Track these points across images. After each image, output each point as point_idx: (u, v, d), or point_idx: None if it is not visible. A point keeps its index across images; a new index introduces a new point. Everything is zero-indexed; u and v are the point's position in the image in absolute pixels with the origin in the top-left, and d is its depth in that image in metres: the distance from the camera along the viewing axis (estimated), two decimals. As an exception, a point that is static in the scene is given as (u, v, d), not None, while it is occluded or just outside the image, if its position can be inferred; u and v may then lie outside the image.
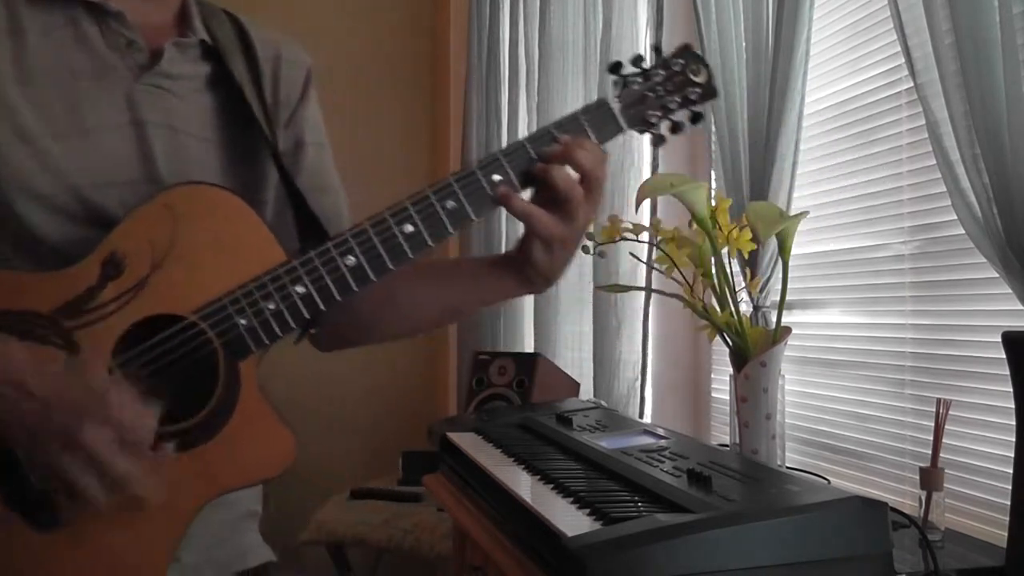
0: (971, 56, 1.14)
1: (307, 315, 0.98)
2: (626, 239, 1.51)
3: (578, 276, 2.34)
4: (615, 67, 1.10)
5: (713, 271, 1.46)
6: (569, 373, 2.25)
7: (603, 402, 1.97)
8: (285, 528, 3.05)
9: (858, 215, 1.66)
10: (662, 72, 1.09)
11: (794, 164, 1.64)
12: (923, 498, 1.24)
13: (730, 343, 1.47)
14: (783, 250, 1.45)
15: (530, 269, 1.05)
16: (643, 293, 2.04)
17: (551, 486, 1.15)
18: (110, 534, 0.93)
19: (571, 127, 1.04)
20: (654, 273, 1.84)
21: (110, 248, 0.95)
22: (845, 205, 1.70)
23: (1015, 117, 1.09)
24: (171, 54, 1.07)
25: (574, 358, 2.36)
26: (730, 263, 1.51)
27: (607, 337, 2.12)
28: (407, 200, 1.00)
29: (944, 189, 1.24)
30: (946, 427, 1.27)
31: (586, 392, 2.21)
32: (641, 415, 2.08)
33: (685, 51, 1.11)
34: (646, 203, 1.88)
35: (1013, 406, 1.02)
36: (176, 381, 0.93)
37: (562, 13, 2.41)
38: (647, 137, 1.81)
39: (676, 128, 1.11)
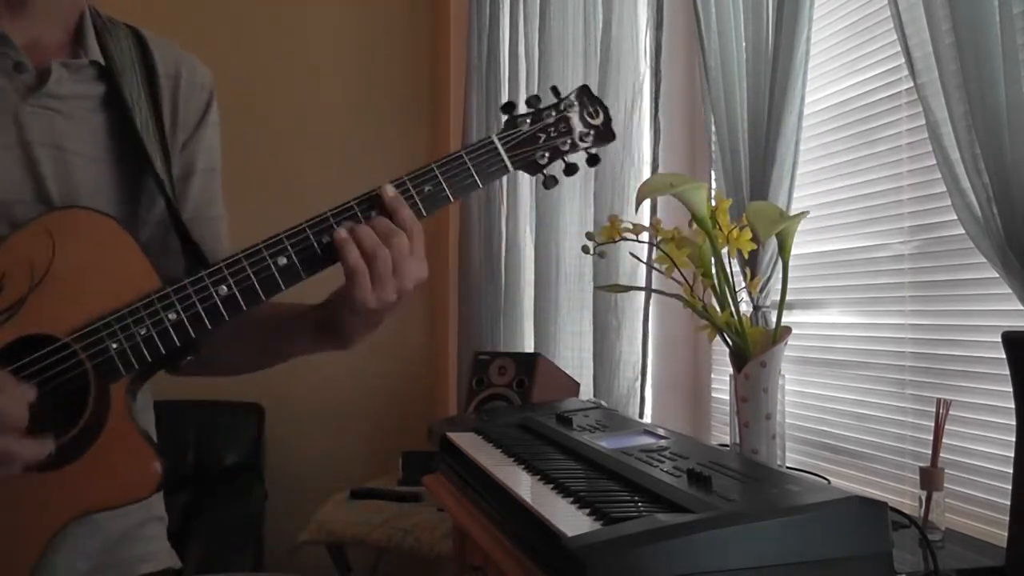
0: (971, 56, 1.13)
1: (177, 342, 0.99)
2: (626, 239, 1.51)
3: (578, 276, 2.34)
4: (508, 107, 1.11)
5: (713, 271, 1.46)
6: (569, 373, 2.25)
7: (603, 402, 1.97)
8: (285, 528, 3.05)
9: (858, 215, 1.66)
10: (554, 113, 1.10)
11: (794, 164, 1.64)
12: (923, 498, 1.24)
13: (730, 343, 1.47)
14: (783, 250, 1.45)
15: (332, 323, 1.06)
16: (643, 293, 2.04)
17: (551, 486, 1.15)
18: None
19: (454, 169, 1.05)
20: (654, 273, 1.84)
21: None
22: (845, 205, 1.70)
23: (1015, 117, 1.09)
24: (58, 75, 1.08)
25: (574, 358, 2.35)
26: (730, 263, 1.51)
27: (607, 337, 2.12)
28: (283, 233, 1.02)
29: (944, 189, 1.24)
30: (946, 427, 1.27)
31: (586, 392, 2.21)
32: (641, 415, 2.08)
33: (583, 93, 1.13)
34: (646, 203, 1.88)
35: (1013, 406, 1.02)
36: (47, 401, 0.94)
37: (562, 13, 2.40)
38: (647, 137, 1.83)
39: (570, 170, 1.12)
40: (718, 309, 1.46)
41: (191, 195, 1.18)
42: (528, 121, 1.10)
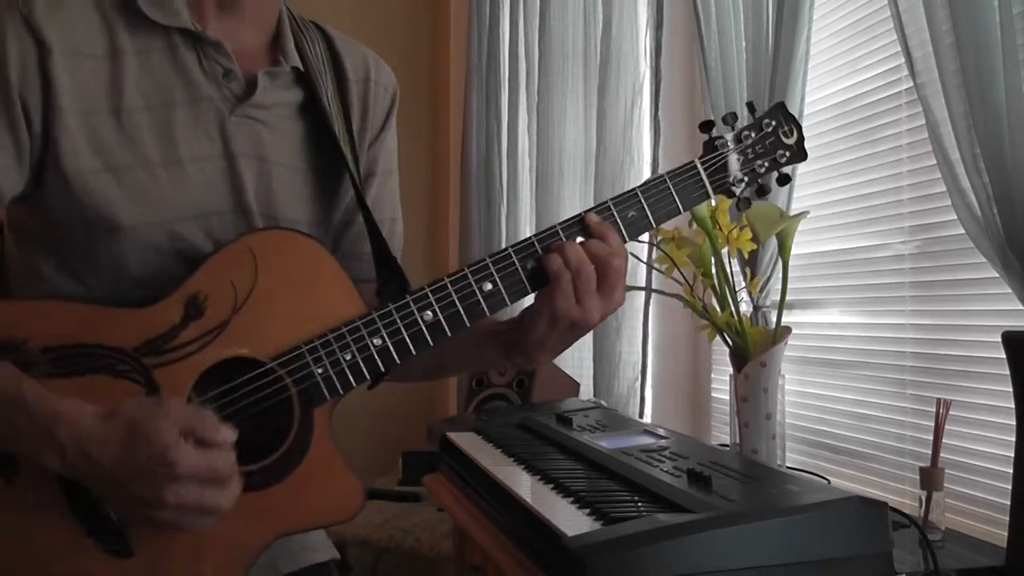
0: (971, 56, 1.14)
1: (383, 368, 0.99)
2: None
3: (578, 276, 2.33)
4: (706, 126, 1.08)
5: (713, 271, 1.46)
6: (569, 373, 2.25)
7: (603, 402, 1.97)
8: (285, 528, 3.06)
9: (858, 215, 1.66)
10: (754, 133, 1.07)
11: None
12: (923, 498, 1.24)
13: (730, 343, 1.47)
14: (783, 250, 1.45)
15: (521, 338, 1.03)
16: (643, 293, 2.04)
17: (551, 486, 1.15)
18: (180, 567, 0.95)
19: (657, 192, 1.03)
20: (654, 273, 1.84)
21: (193, 288, 0.95)
22: (845, 205, 1.70)
23: (1015, 117, 1.09)
24: (264, 84, 1.06)
25: (574, 358, 2.35)
26: (730, 263, 1.51)
27: (607, 337, 2.12)
28: (489, 257, 1.00)
29: (944, 189, 1.24)
30: (946, 427, 1.27)
31: (586, 392, 2.21)
32: (641, 415, 2.08)
33: (779, 110, 1.09)
34: (646, 203, 1.88)
35: (1013, 406, 1.02)
36: (249, 425, 0.94)
37: (562, 13, 2.41)
38: (647, 137, 1.82)
39: (762, 191, 1.09)
40: (718, 309, 1.47)
41: (370, 195, 1.17)
42: (729, 144, 1.07)
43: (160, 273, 0.99)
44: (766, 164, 1.07)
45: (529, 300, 1.04)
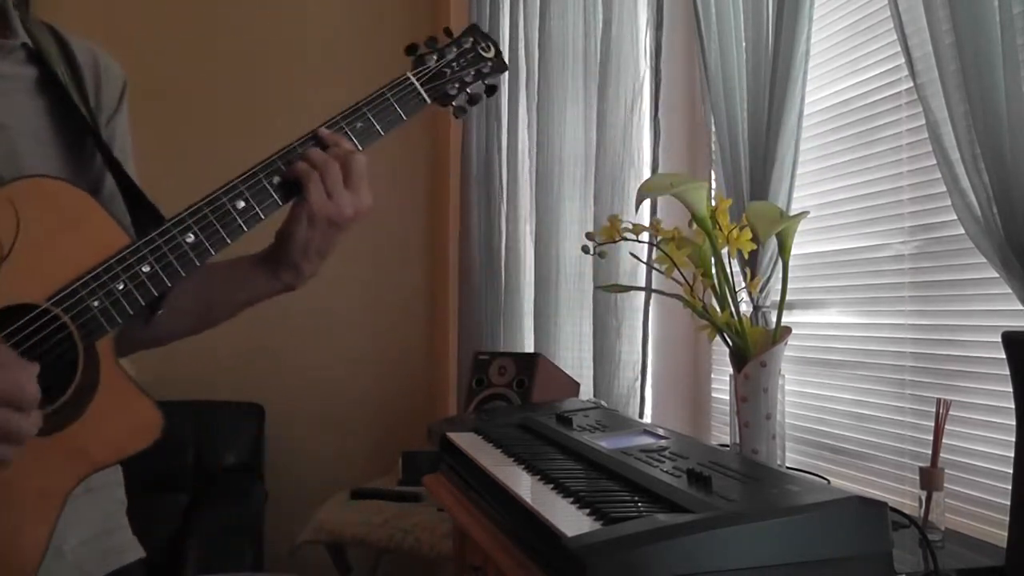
0: (971, 56, 1.13)
1: (155, 292, 1.02)
2: (626, 239, 1.51)
3: (578, 276, 2.34)
4: (411, 48, 1.22)
5: (713, 271, 1.46)
6: (569, 373, 2.25)
7: (603, 402, 1.97)
8: (285, 528, 3.05)
9: (858, 215, 1.66)
10: (455, 50, 1.23)
11: (794, 164, 1.64)
12: (923, 498, 1.24)
13: (730, 343, 1.47)
14: (783, 250, 1.45)
15: (284, 252, 1.11)
16: (643, 293, 2.04)
17: (551, 486, 1.15)
18: None
19: (379, 106, 1.15)
20: (654, 273, 1.84)
21: None
22: (845, 205, 1.70)
23: (1015, 117, 1.09)
24: None
25: (574, 358, 2.36)
26: (730, 263, 1.51)
27: (607, 337, 2.12)
28: (236, 178, 1.08)
29: (944, 189, 1.24)
30: (946, 427, 1.27)
31: (586, 392, 2.21)
32: (641, 415, 2.08)
33: (473, 30, 1.26)
34: (646, 203, 1.88)
35: (1013, 406, 1.02)
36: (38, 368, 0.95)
37: (562, 13, 2.40)
38: (647, 137, 1.85)
39: (473, 100, 1.24)
40: (718, 309, 1.46)
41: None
42: (435, 58, 1.21)
43: None
44: (471, 72, 1.23)
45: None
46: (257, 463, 3.45)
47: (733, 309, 1.46)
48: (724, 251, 1.46)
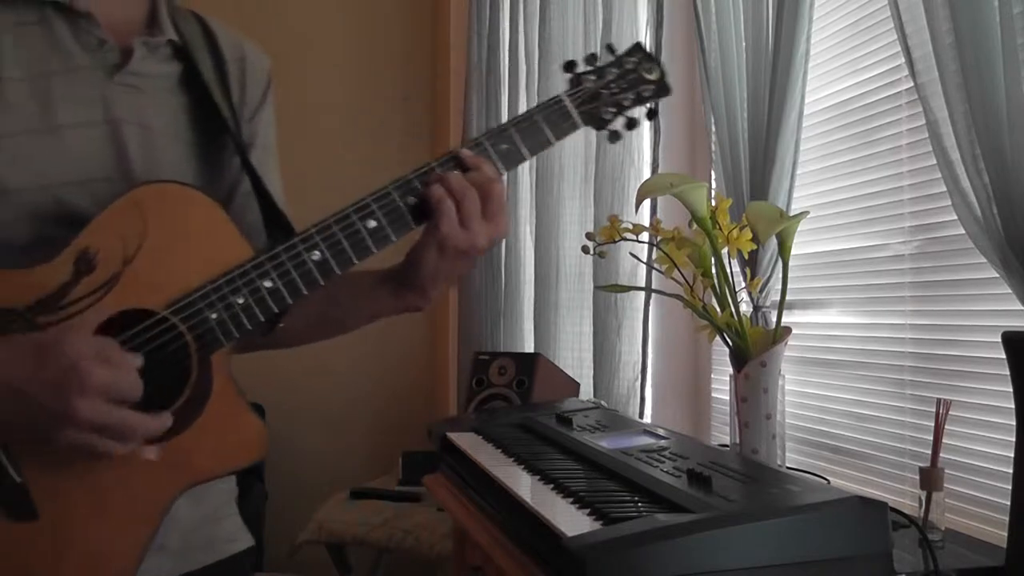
0: (971, 56, 1.14)
1: (275, 309, 1.00)
2: (626, 239, 1.51)
3: (578, 276, 2.34)
4: (569, 65, 1.14)
5: (713, 271, 1.46)
6: (569, 373, 2.25)
7: (603, 402, 1.97)
8: (285, 528, 3.05)
9: (858, 215, 1.66)
10: (615, 70, 1.13)
11: (794, 164, 1.64)
12: (923, 498, 1.24)
13: (730, 343, 1.47)
14: (783, 250, 1.45)
15: (412, 275, 1.06)
16: (643, 293, 2.04)
17: (551, 486, 1.15)
18: (86, 525, 0.95)
19: (528, 127, 1.08)
20: (654, 273, 1.84)
21: (82, 245, 0.96)
22: (845, 205, 1.70)
23: (1015, 117, 1.09)
24: (141, 53, 1.08)
25: (574, 358, 2.36)
26: (730, 263, 1.51)
27: (607, 337, 2.12)
28: (369, 196, 1.03)
29: (944, 189, 1.24)
30: (946, 427, 1.27)
31: (586, 392, 2.21)
32: (641, 415, 2.08)
33: (637, 49, 1.15)
34: (646, 203, 1.88)
35: (1013, 406, 1.02)
36: (148, 377, 0.94)
37: (562, 13, 2.40)
38: (647, 137, 1.84)
39: (631, 124, 1.15)
40: (718, 309, 1.47)
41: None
42: (593, 78, 1.12)
43: (51, 241, 0.99)
44: (631, 97, 1.14)
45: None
46: (257, 463, 3.44)
47: (733, 309, 1.46)
48: (724, 251, 1.46)
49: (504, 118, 2.81)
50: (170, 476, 0.98)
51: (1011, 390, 1.03)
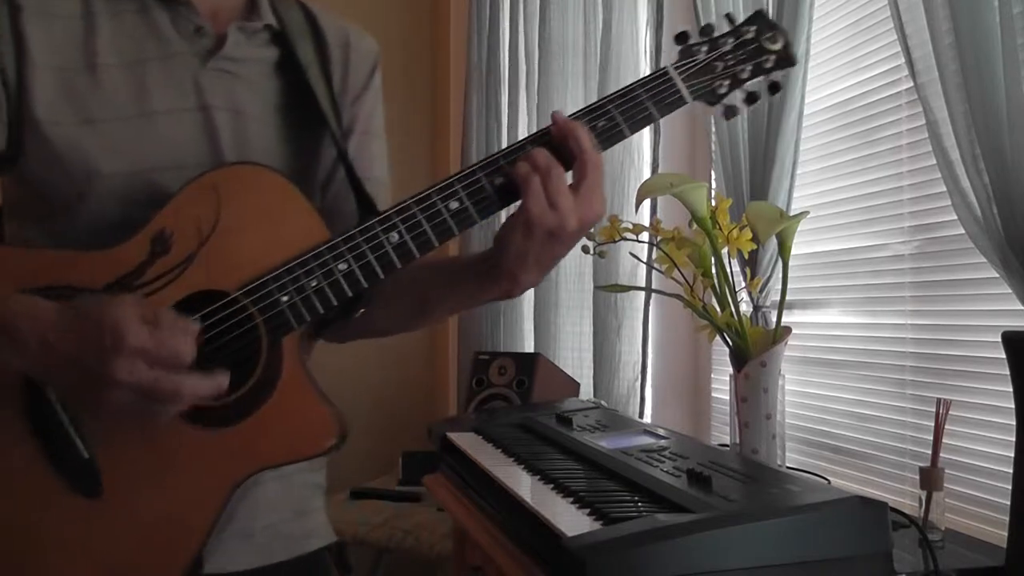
0: (971, 56, 1.14)
1: (349, 292, 0.97)
2: (626, 239, 1.51)
3: (578, 276, 2.34)
4: (681, 37, 1.05)
5: (713, 271, 1.46)
6: (569, 373, 2.25)
7: (603, 402, 1.97)
8: (285, 528, 3.06)
9: (858, 215, 1.66)
10: (731, 40, 1.04)
11: (794, 164, 1.64)
12: (923, 498, 1.24)
13: (730, 343, 1.47)
14: (783, 250, 1.45)
15: (500, 258, 0.98)
16: (643, 293, 2.04)
17: (551, 486, 1.15)
18: (151, 503, 0.95)
19: (628, 103, 0.99)
20: (654, 273, 1.84)
21: (159, 226, 0.96)
22: (845, 205, 1.70)
23: (1015, 117, 1.09)
24: (235, 38, 1.08)
25: (574, 358, 2.36)
26: (730, 263, 1.51)
27: (607, 337, 2.12)
28: (453, 176, 0.97)
29: (944, 189, 1.24)
30: (946, 427, 1.27)
31: (586, 392, 2.21)
32: (641, 415, 2.08)
33: (758, 17, 1.05)
34: (646, 203, 1.88)
35: (1013, 406, 1.02)
36: (218, 357, 0.93)
37: (562, 13, 2.41)
38: (647, 137, 1.82)
39: (751, 99, 1.05)
40: (718, 309, 1.47)
41: (350, 153, 1.15)
42: (704, 49, 1.03)
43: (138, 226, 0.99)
44: (749, 68, 1.03)
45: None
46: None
47: (733, 309, 1.46)
48: (724, 251, 1.46)
49: (504, 118, 2.81)
50: (236, 460, 0.96)
51: (1011, 390, 1.03)
